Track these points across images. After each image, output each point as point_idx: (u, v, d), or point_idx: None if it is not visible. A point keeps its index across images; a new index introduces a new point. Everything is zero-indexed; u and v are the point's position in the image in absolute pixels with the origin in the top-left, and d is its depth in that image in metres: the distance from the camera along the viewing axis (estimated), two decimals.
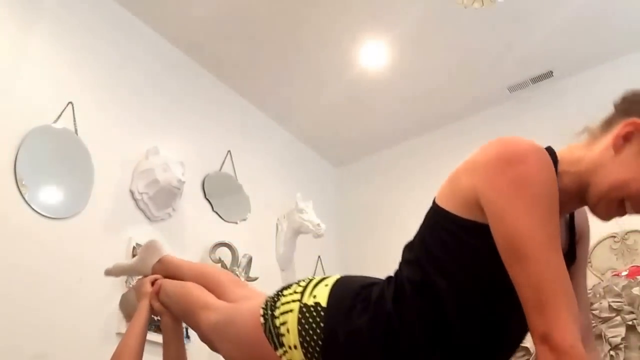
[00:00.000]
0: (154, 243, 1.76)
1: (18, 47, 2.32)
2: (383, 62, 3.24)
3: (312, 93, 3.48)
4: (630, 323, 2.44)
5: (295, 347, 1.00)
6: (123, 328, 2.11)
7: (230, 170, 3.23)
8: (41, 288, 2.12)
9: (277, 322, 1.04)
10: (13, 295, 2.02)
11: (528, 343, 1.84)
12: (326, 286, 1.05)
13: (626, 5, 2.82)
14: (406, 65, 3.26)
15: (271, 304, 1.09)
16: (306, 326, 1.00)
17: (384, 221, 3.78)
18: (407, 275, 0.97)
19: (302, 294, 1.06)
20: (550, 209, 0.85)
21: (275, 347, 1.03)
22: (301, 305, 1.03)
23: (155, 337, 2.46)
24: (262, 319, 1.08)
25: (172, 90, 3.03)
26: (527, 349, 2.20)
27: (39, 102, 2.34)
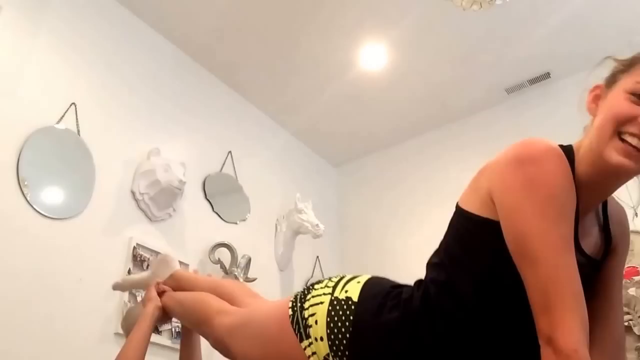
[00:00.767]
0: (166, 258, 1.77)
1: (21, 49, 2.34)
2: (382, 63, 3.26)
3: (312, 93, 3.50)
4: (626, 324, 2.46)
5: (321, 339, 1.02)
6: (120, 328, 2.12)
7: (230, 170, 3.24)
8: (41, 288, 2.13)
9: (306, 314, 1.07)
10: (13, 294, 2.03)
11: None
12: (358, 283, 1.08)
13: (623, 6, 2.85)
14: (405, 66, 3.28)
15: (301, 297, 1.12)
16: (335, 318, 1.02)
17: (383, 221, 3.79)
18: (432, 277, 1.00)
19: (334, 289, 1.08)
20: (562, 211, 0.85)
21: (300, 339, 1.05)
22: (332, 298, 1.06)
23: (154, 338, 2.48)
24: (291, 311, 1.10)
25: (174, 91, 3.04)
26: None
27: (42, 103, 2.36)
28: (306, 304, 1.09)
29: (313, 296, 1.10)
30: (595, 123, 0.97)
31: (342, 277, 1.13)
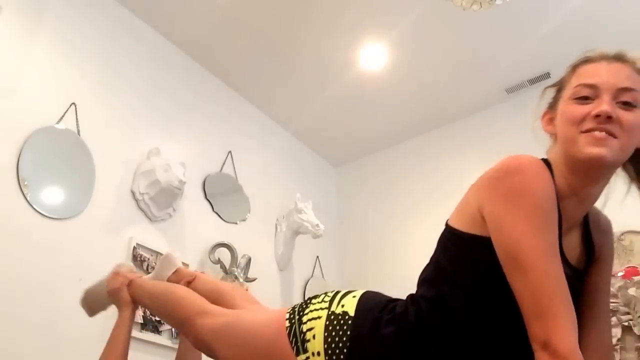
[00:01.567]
0: (169, 256, 1.79)
1: (21, 49, 2.34)
2: (382, 63, 3.26)
3: (312, 94, 3.50)
4: (626, 324, 2.46)
5: (318, 354, 1.02)
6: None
7: (230, 170, 3.25)
8: (42, 288, 2.13)
9: (304, 328, 1.07)
10: (13, 294, 2.03)
11: None
12: (354, 297, 1.09)
13: (622, 6, 2.85)
14: (405, 66, 3.28)
15: (299, 310, 1.12)
16: (333, 333, 1.03)
17: (383, 221, 3.79)
18: (422, 293, 1.01)
19: (330, 303, 1.09)
20: (547, 218, 0.87)
21: (297, 352, 1.05)
22: (329, 313, 1.06)
23: (153, 338, 2.48)
24: (288, 322, 1.10)
25: (174, 91, 3.05)
26: None
27: (42, 103, 2.36)
28: (304, 318, 1.09)
29: (311, 310, 1.10)
30: (559, 137, 1.01)
31: (338, 292, 1.13)
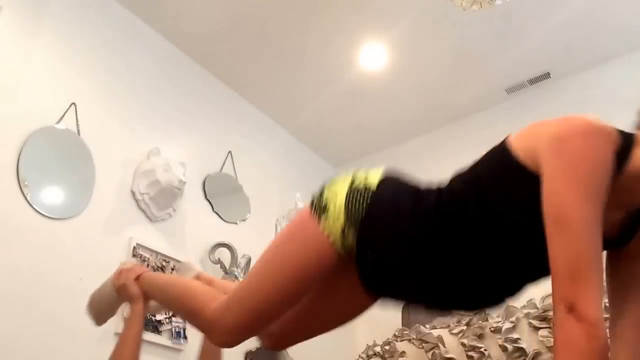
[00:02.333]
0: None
1: (21, 49, 2.34)
2: (382, 63, 3.26)
3: (312, 93, 3.50)
4: None
5: (339, 209, 1.09)
6: (122, 328, 2.12)
7: (230, 170, 3.25)
8: (42, 287, 2.13)
9: (324, 197, 1.14)
10: (13, 294, 2.04)
11: (524, 344, 1.84)
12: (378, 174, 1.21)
13: (622, 6, 2.85)
14: (405, 66, 3.28)
15: (321, 188, 1.20)
16: (356, 193, 1.12)
17: None
18: (450, 187, 1.07)
19: (352, 181, 1.18)
20: (601, 190, 0.87)
21: (319, 217, 1.11)
22: (351, 181, 1.18)
23: (154, 338, 2.48)
24: (310, 205, 1.16)
25: (174, 91, 3.05)
26: (524, 350, 2.21)
27: (42, 103, 2.36)
28: (324, 194, 1.16)
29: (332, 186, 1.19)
30: None
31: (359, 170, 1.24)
